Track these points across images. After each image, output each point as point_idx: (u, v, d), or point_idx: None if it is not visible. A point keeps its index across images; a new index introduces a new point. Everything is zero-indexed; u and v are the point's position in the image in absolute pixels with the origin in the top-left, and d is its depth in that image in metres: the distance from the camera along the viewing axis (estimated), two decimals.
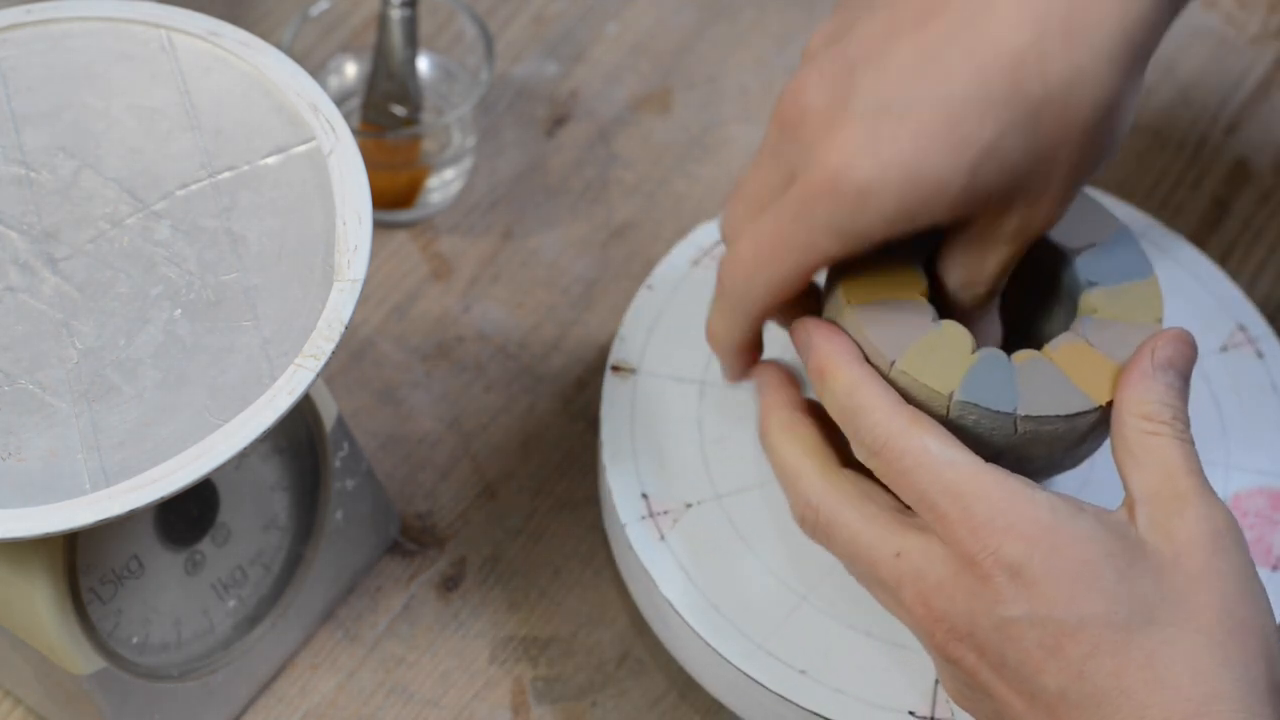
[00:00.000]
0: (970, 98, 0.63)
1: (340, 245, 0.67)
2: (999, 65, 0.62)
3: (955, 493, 0.62)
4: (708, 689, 0.74)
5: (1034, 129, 0.63)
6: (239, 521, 0.73)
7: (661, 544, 0.74)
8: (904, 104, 0.63)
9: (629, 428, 0.77)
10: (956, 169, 0.63)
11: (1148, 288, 0.69)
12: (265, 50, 0.72)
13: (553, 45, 0.96)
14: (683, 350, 0.79)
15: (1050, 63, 0.62)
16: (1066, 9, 0.62)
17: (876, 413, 0.64)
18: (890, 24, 0.65)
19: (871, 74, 0.64)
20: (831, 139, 0.64)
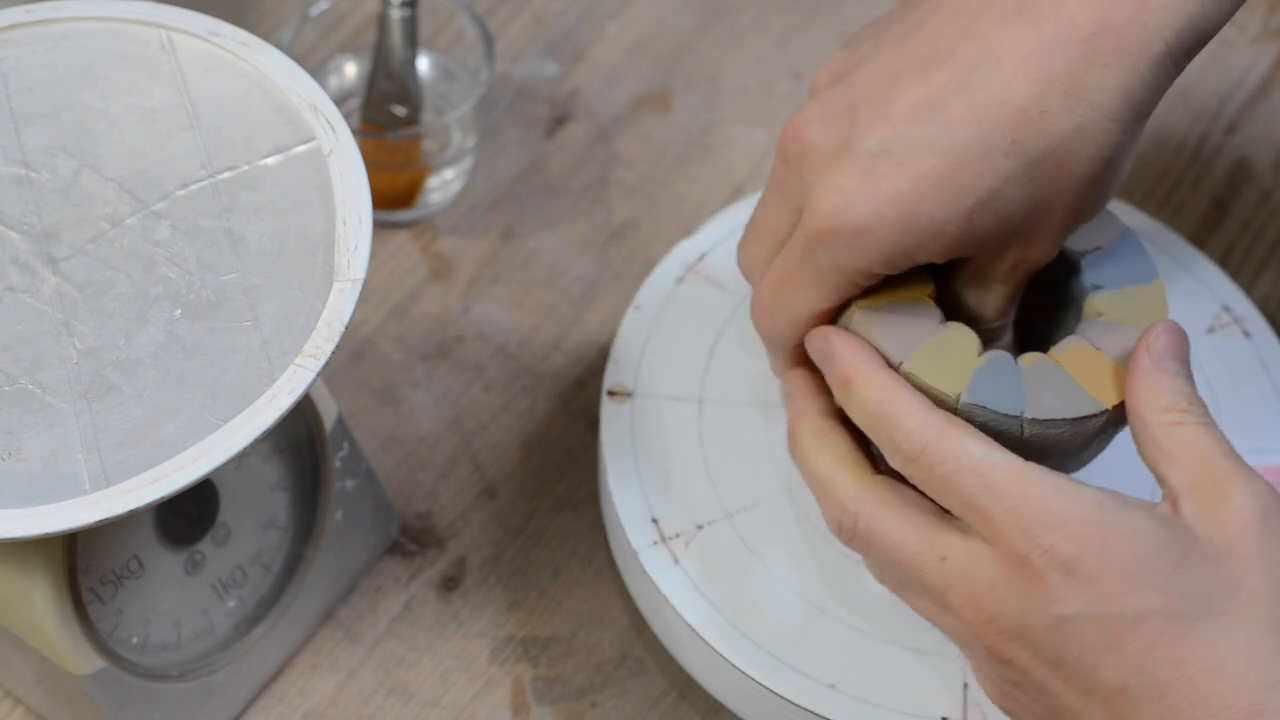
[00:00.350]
0: (970, 147, 0.63)
1: (340, 245, 0.67)
2: (1001, 117, 0.63)
3: (1001, 493, 0.61)
4: (708, 689, 0.74)
5: (1032, 180, 0.64)
6: (239, 521, 0.73)
7: (676, 568, 0.73)
8: (904, 148, 0.64)
9: (631, 452, 0.76)
10: (953, 215, 0.64)
11: (1152, 291, 0.69)
12: (265, 50, 0.72)
13: (553, 45, 0.96)
14: (677, 369, 0.78)
15: (1052, 118, 0.63)
16: (1072, 67, 0.63)
17: (911, 418, 0.64)
18: (895, 66, 0.65)
19: (873, 115, 0.65)
20: (831, 177, 0.65)
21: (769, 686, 0.71)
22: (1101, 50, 0.63)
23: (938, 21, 0.65)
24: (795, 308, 0.68)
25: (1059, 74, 0.63)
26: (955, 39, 0.64)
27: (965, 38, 0.64)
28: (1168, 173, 0.92)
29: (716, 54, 0.96)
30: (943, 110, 0.64)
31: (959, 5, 0.65)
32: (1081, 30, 0.62)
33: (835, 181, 0.65)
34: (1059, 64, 0.63)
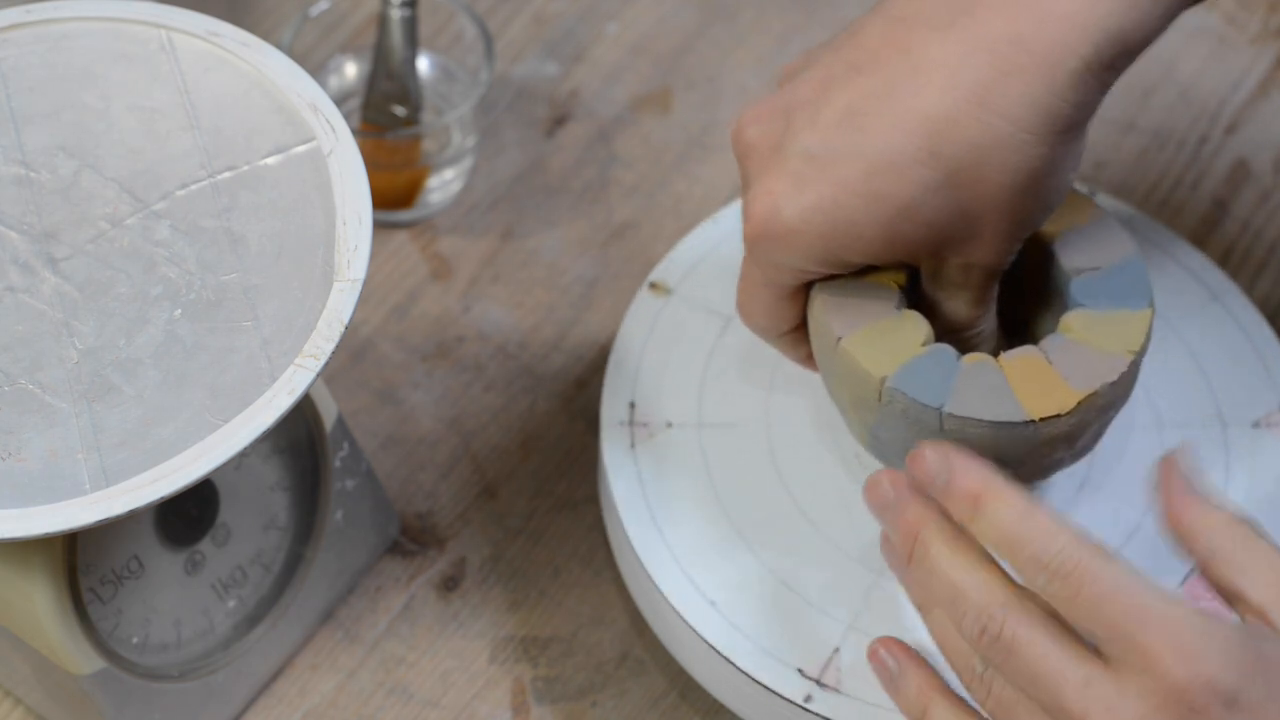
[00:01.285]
0: (889, 155, 0.64)
1: (340, 245, 0.67)
2: (918, 127, 0.64)
3: (1156, 618, 0.58)
4: (708, 689, 0.74)
5: (952, 190, 0.64)
6: (239, 521, 0.73)
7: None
8: (828, 154, 0.65)
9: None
10: (874, 221, 0.65)
11: (1135, 320, 0.68)
12: (265, 50, 0.72)
13: (553, 45, 0.96)
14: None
15: (965, 129, 0.63)
16: (983, 77, 0.63)
17: (1063, 536, 0.60)
18: (829, 73, 0.66)
19: (804, 120, 0.66)
20: (766, 179, 0.66)
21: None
22: (1016, 62, 0.63)
23: (872, 30, 0.66)
24: (760, 303, 0.70)
25: (972, 85, 0.63)
26: (884, 48, 0.65)
27: (893, 48, 0.65)
28: (1168, 173, 0.92)
29: (716, 54, 0.96)
30: (866, 119, 0.65)
31: (894, 15, 0.66)
32: (998, 41, 0.63)
33: (766, 184, 0.66)
34: (972, 75, 0.63)
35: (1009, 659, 0.61)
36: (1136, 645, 0.58)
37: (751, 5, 0.97)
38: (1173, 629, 0.58)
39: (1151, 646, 0.58)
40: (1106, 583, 0.59)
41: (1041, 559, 0.60)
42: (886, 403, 0.67)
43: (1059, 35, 0.63)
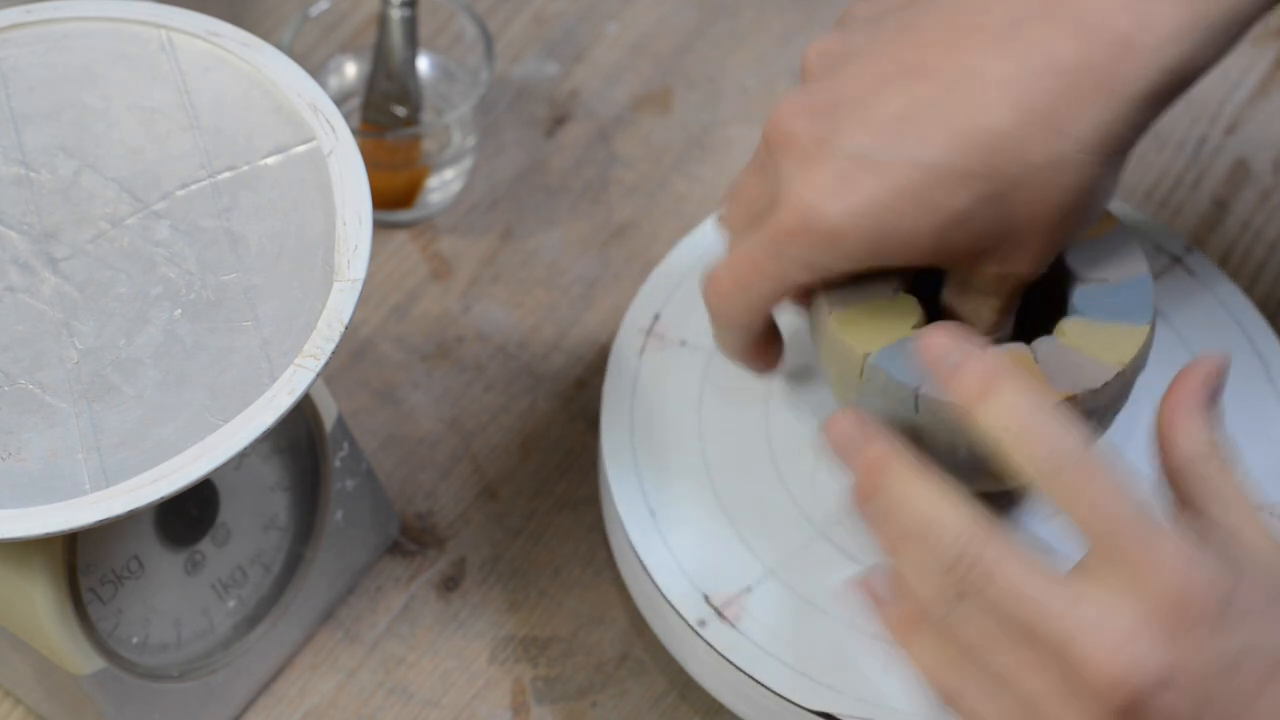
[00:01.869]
0: (945, 165, 0.64)
1: (340, 245, 0.67)
2: (977, 141, 0.63)
3: (1155, 530, 0.58)
4: (708, 689, 0.74)
5: (1006, 205, 0.64)
6: (239, 521, 0.73)
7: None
8: (882, 157, 0.64)
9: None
10: (924, 229, 0.64)
11: (1132, 334, 0.68)
12: (265, 50, 0.72)
13: (553, 45, 0.96)
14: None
15: (1029, 147, 0.63)
16: (1052, 99, 0.63)
17: (1071, 435, 0.60)
18: (883, 69, 0.65)
19: (856, 118, 0.65)
20: (809, 174, 0.65)
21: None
22: (1083, 85, 0.63)
23: (929, 28, 0.65)
24: (754, 294, 0.68)
25: (1039, 105, 0.63)
26: (942, 53, 0.64)
27: (951, 54, 0.64)
28: (1168, 173, 0.92)
29: (716, 54, 0.96)
30: (922, 125, 0.64)
31: (952, 16, 0.65)
32: (1064, 63, 0.63)
33: (811, 180, 0.65)
34: (1039, 95, 0.63)
35: (987, 586, 0.60)
36: (1133, 554, 0.58)
37: (751, 5, 0.97)
38: (1169, 540, 0.58)
39: (1149, 555, 0.58)
40: (1110, 490, 0.59)
41: (1047, 453, 0.59)
42: (867, 380, 0.67)
43: (1126, 62, 0.63)
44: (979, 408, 0.61)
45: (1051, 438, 0.60)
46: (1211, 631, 0.57)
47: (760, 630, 0.73)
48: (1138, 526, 0.58)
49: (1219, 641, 0.57)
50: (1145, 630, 0.58)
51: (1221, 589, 0.58)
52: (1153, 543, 0.58)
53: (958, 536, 0.60)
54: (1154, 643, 0.57)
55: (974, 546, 0.60)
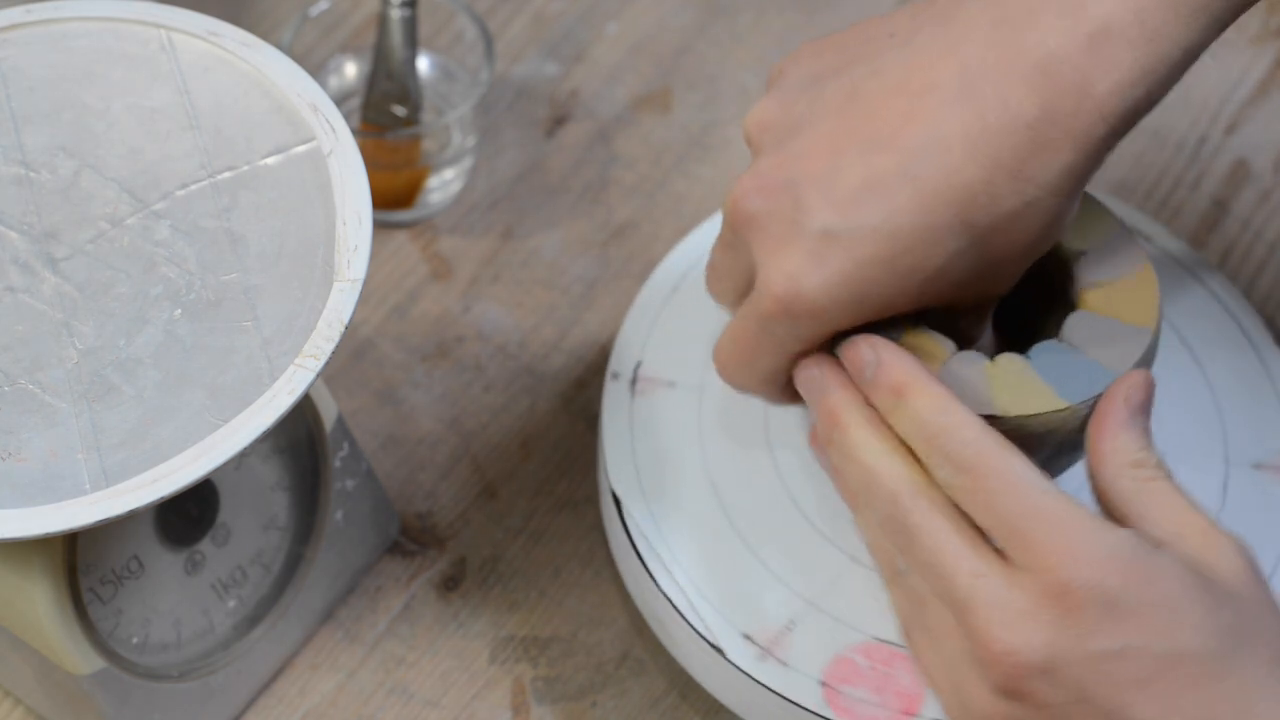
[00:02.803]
0: (917, 230, 0.64)
1: (340, 245, 0.67)
2: (948, 200, 0.63)
3: (1050, 519, 0.60)
4: (708, 689, 0.74)
5: (980, 252, 0.64)
6: (239, 521, 0.73)
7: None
8: (850, 231, 0.64)
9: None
10: (903, 292, 0.65)
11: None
12: (265, 50, 0.72)
13: (553, 45, 0.96)
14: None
15: (1000, 199, 0.63)
16: (1019, 152, 0.63)
17: (970, 430, 0.62)
18: (835, 143, 0.65)
19: (817, 195, 0.65)
20: (779, 257, 0.65)
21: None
22: (1048, 136, 0.63)
23: (877, 95, 0.65)
24: (759, 368, 0.68)
25: (1006, 159, 0.63)
26: (897, 120, 0.64)
27: (908, 120, 0.64)
28: (1168, 173, 0.92)
29: (716, 54, 0.96)
30: (888, 194, 0.64)
31: (898, 80, 0.65)
32: (1027, 117, 0.63)
33: (783, 264, 0.65)
34: (1005, 150, 0.63)
35: (910, 546, 0.62)
36: (1027, 541, 0.60)
37: (751, 5, 0.97)
38: (1063, 529, 0.59)
39: (1040, 543, 0.59)
40: (1006, 478, 0.61)
41: (949, 452, 0.62)
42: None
43: (1088, 110, 0.63)
44: (892, 415, 0.64)
45: (952, 433, 0.62)
46: (1095, 625, 0.58)
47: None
48: (1033, 515, 0.60)
49: (1099, 637, 0.58)
50: (1033, 614, 0.59)
51: (1111, 583, 0.59)
52: (1046, 532, 0.59)
53: (893, 492, 0.63)
54: (1039, 628, 0.59)
55: (901, 506, 0.62)
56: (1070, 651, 0.59)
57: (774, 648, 0.72)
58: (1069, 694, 0.59)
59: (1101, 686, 0.59)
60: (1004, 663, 0.59)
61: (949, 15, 0.65)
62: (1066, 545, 0.59)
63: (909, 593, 0.64)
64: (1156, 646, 0.58)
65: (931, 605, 0.62)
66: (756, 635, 0.72)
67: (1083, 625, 0.59)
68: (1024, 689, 0.59)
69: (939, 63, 0.64)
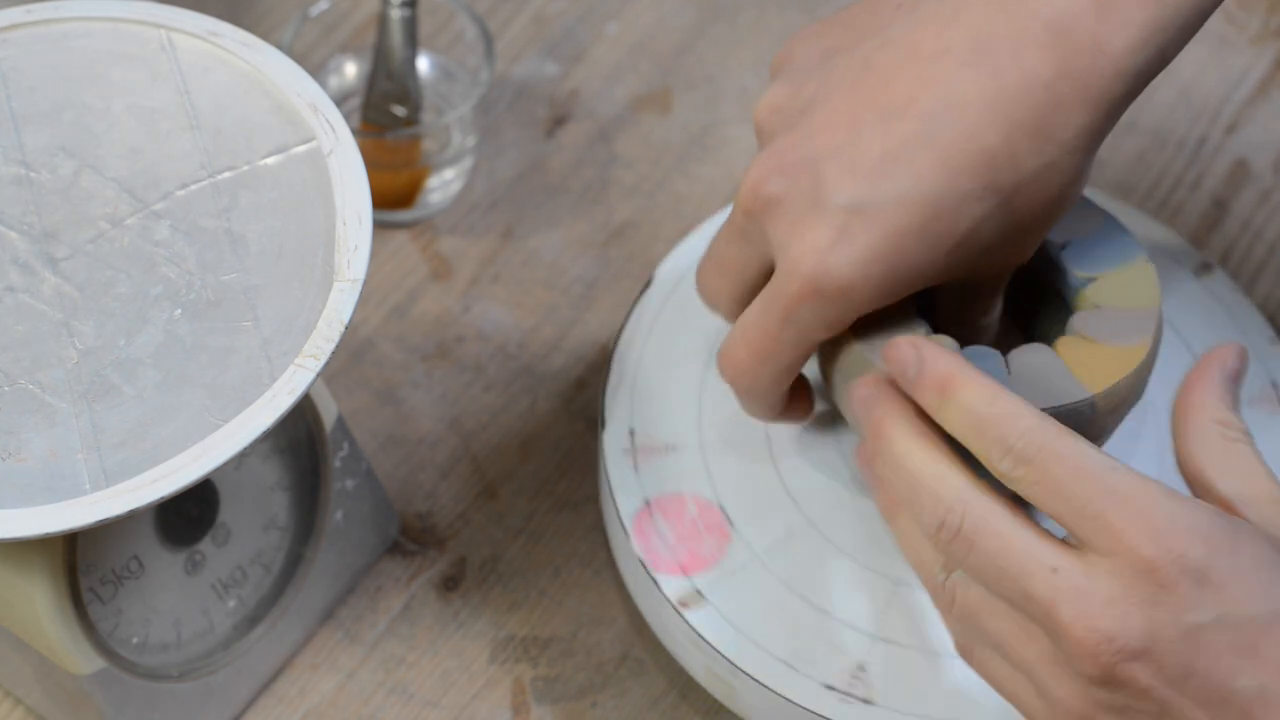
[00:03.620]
0: (943, 196, 0.64)
1: (340, 245, 0.67)
2: (971, 163, 0.63)
3: (1125, 497, 0.58)
4: (708, 689, 0.74)
5: (1006, 214, 0.65)
6: (239, 521, 0.73)
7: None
8: (876, 202, 0.64)
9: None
10: (933, 260, 0.65)
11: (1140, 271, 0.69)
12: (265, 50, 0.72)
13: (553, 45, 0.96)
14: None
15: (1021, 159, 0.64)
16: (1037, 112, 0.63)
17: (1027, 418, 0.60)
18: (852, 114, 0.65)
19: (838, 169, 0.64)
20: (804, 237, 0.65)
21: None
22: (1064, 94, 0.63)
23: (888, 64, 0.65)
24: (778, 364, 0.68)
25: (1024, 119, 0.63)
26: (914, 86, 0.64)
27: (924, 85, 0.64)
28: (1168, 172, 0.92)
29: (716, 54, 0.96)
30: (911, 162, 0.64)
31: (909, 47, 0.65)
32: (1043, 78, 0.63)
33: (810, 241, 0.64)
34: (1023, 110, 0.63)
35: (970, 553, 0.60)
36: (1104, 524, 0.58)
37: (751, 5, 0.97)
38: (1140, 506, 0.58)
39: (1119, 524, 0.58)
40: (1072, 463, 0.59)
41: (1007, 441, 0.60)
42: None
43: (1102, 68, 0.63)
44: (940, 412, 0.62)
45: (1006, 423, 0.60)
46: (1188, 599, 0.57)
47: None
48: (1106, 496, 0.58)
49: (1195, 611, 0.57)
50: (1122, 599, 0.58)
51: (1198, 554, 0.57)
52: (1123, 511, 0.58)
53: (944, 498, 0.61)
54: (1133, 610, 0.58)
55: (954, 515, 0.61)
56: (1168, 628, 0.57)
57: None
58: (1172, 672, 0.58)
59: (1204, 660, 0.57)
60: (1102, 652, 0.58)
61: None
62: (1147, 522, 0.58)
63: (963, 607, 0.62)
64: (1253, 610, 0.57)
65: (995, 613, 0.61)
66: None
67: (1177, 601, 0.57)
68: (1125, 675, 0.58)
69: (948, 27, 0.64)
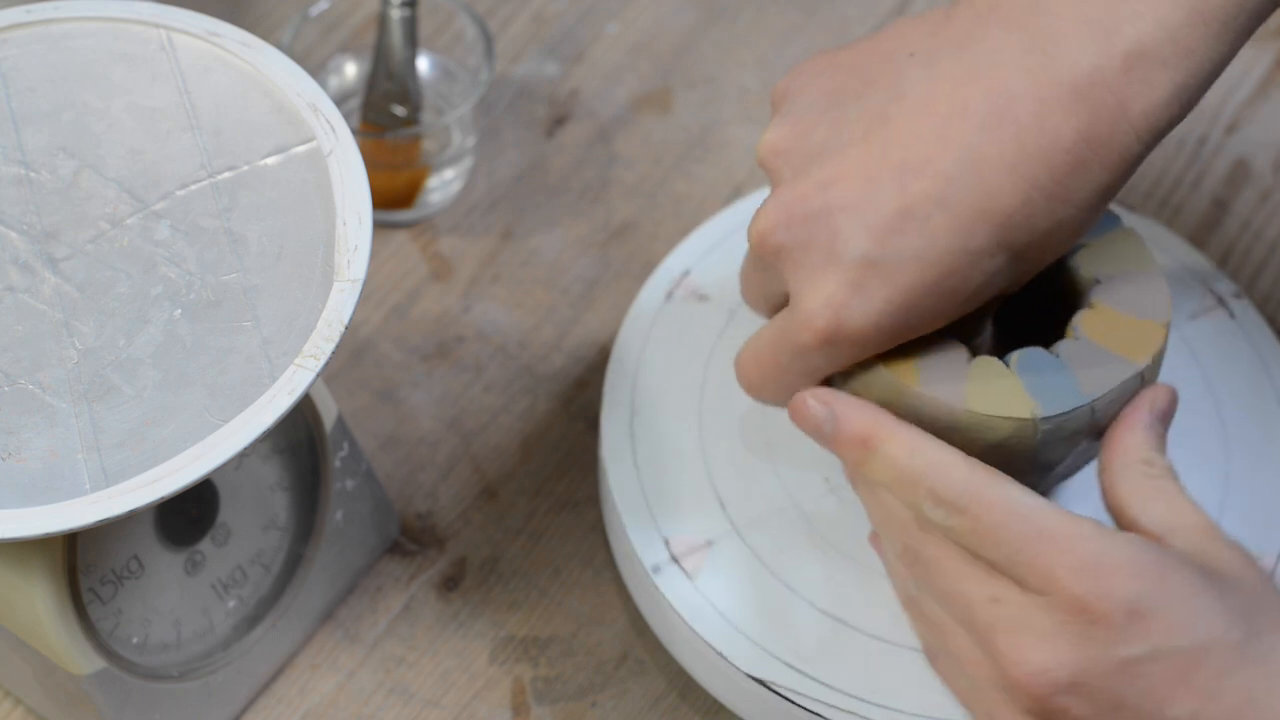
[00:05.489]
0: (956, 254, 0.64)
1: (340, 245, 0.67)
2: (986, 225, 0.64)
3: (1053, 538, 0.60)
4: (708, 689, 0.74)
5: (1016, 267, 0.65)
6: (239, 521, 0.73)
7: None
8: (891, 260, 0.64)
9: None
10: (944, 312, 0.65)
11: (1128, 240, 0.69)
12: (265, 50, 0.72)
13: (553, 45, 0.96)
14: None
15: (1037, 220, 0.64)
16: (1056, 175, 0.63)
17: (956, 468, 0.62)
18: (867, 170, 0.65)
19: (853, 224, 0.65)
20: (819, 287, 0.65)
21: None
22: (1085, 157, 0.63)
23: (904, 119, 0.65)
24: (787, 389, 0.69)
25: (1044, 181, 0.63)
26: (930, 146, 0.64)
27: (941, 145, 0.64)
28: (1168, 172, 0.92)
29: (716, 54, 0.96)
30: (927, 220, 0.64)
31: (925, 103, 0.65)
32: (1066, 142, 0.63)
33: (824, 293, 0.65)
34: (1043, 173, 0.63)
35: (927, 577, 0.63)
36: (1036, 566, 0.60)
37: (751, 5, 0.97)
38: (1070, 545, 0.59)
39: (1050, 565, 0.59)
40: (1004, 509, 0.61)
41: (937, 493, 0.62)
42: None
43: (1124, 131, 0.63)
44: (864, 468, 0.64)
45: (935, 474, 0.62)
46: (1119, 634, 0.59)
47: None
48: (1037, 538, 0.60)
49: (1126, 644, 0.58)
50: (1055, 633, 0.59)
51: (1129, 589, 0.59)
52: (1053, 551, 0.60)
53: (906, 524, 0.64)
54: (1064, 645, 0.59)
55: (915, 538, 0.63)
56: (1100, 663, 0.59)
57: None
58: (1103, 704, 0.59)
59: (1136, 692, 0.59)
60: (1033, 684, 0.59)
61: (972, 37, 0.64)
62: (1077, 560, 0.59)
63: (928, 620, 0.64)
64: (1183, 641, 0.59)
65: (953, 632, 0.63)
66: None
67: (1108, 635, 0.59)
68: (1056, 708, 0.59)
69: (967, 86, 0.64)
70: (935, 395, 0.66)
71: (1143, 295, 0.69)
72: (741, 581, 0.74)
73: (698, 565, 0.74)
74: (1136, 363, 0.67)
